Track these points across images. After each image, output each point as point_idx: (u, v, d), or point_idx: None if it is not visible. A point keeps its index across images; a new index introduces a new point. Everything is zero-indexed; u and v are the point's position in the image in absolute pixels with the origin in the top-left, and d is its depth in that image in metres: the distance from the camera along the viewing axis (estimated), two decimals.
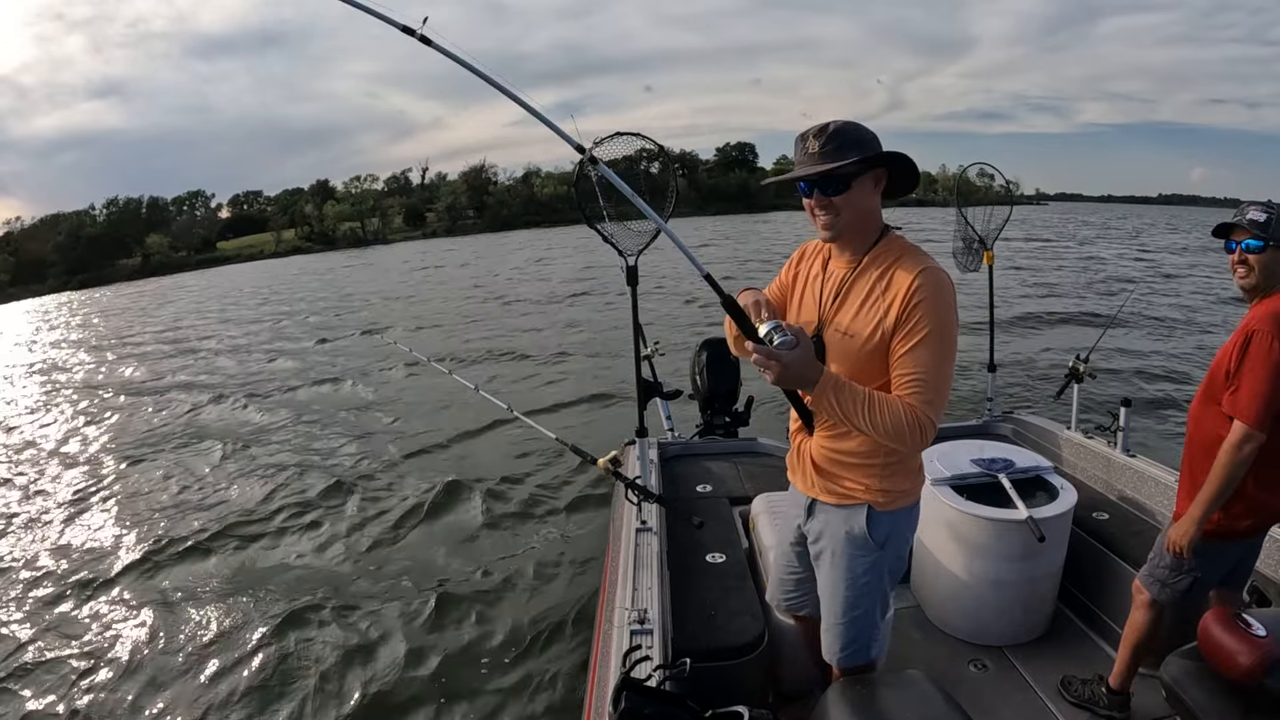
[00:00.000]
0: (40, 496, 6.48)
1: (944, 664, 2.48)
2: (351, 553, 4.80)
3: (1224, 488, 1.80)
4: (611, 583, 2.22)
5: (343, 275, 32.28)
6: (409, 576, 4.42)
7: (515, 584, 4.26)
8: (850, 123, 1.46)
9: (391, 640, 3.75)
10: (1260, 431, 1.73)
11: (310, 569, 4.62)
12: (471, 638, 3.75)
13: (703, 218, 57.84)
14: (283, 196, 75.90)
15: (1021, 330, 11.52)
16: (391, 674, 3.47)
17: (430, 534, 5.02)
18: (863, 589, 1.64)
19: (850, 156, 1.42)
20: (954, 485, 2.60)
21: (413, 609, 4.05)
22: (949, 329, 1.44)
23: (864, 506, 1.60)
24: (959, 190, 3.78)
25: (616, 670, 1.63)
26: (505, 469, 6.08)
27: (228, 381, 11.04)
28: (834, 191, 1.47)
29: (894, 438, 1.41)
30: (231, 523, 5.39)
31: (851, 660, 1.70)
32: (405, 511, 5.40)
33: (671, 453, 3.58)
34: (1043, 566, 2.50)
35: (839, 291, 1.56)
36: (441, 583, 4.32)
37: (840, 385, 1.41)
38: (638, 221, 2.49)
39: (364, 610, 4.06)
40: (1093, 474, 3.11)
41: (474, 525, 5.11)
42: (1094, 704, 2.21)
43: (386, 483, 6.06)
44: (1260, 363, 1.73)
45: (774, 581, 1.99)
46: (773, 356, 1.35)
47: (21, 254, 56.67)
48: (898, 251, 1.51)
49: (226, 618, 4.09)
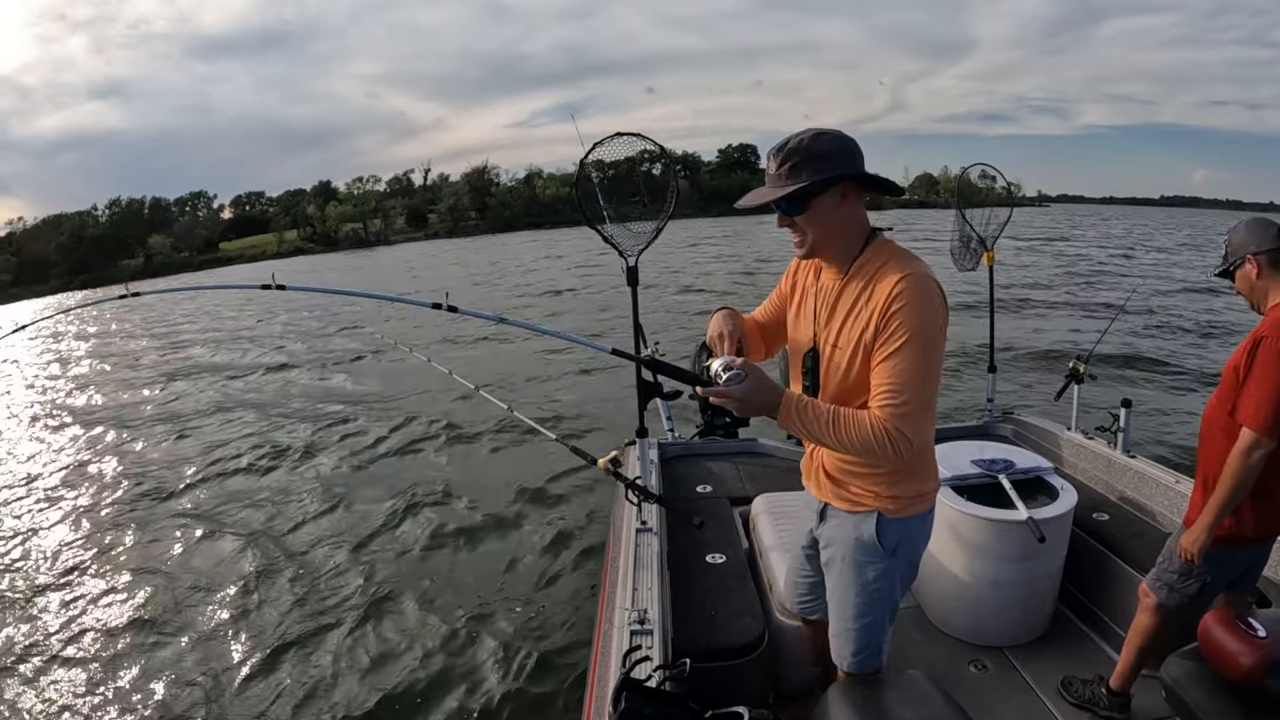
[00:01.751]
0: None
1: (944, 664, 2.47)
2: (351, 552, 4.80)
3: (1234, 494, 1.78)
4: (612, 583, 2.22)
5: (351, 273, 32.24)
6: (409, 576, 4.43)
7: (515, 584, 4.26)
8: (812, 135, 1.42)
9: (390, 640, 3.76)
10: (1269, 438, 1.72)
11: (304, 568, 4.62)
12: (471, 637, 3.74)
13: (704, 219, 57.92)
14: (285, 197, 76.02)
15: (1022, 329, 11.52)
16: (390, 673, 3.48)
17: (429, 534, 5.02)
18: (873, 595, 1.63)
19: (804, 177, 1.40)
20: (954, 486, 2.60)
21: (412, 609, 4.05)
22: (929, 337, 1.39)
23: (874, 514, 1.58)
24: (959, 191, 3.78)
25: (617, 670, 1.63)
26: (505, 469, 6.08)
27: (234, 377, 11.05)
28: (795, 212, 1.45)
29: (865, 453, 1.40)
30: (226, 509, 5.39)
31: (861, 666, 1.68)
32: (405, 511, 5.40)
33: (672, 453, 3.58)
34: (1043, 567, 2.50)
35: (829, 304, 1.55)
36: (441, 583, 4.32)
37: (803, 406, 1.41)
38: (637, 223, 2.50)
39: (364, 610, 4.06)
40: (1093, 475, 3.11)
41: (473, 526, 5.11)
42: (1094, 704, 2.21)
43: (386, 482, 6.06)
44: (1268, 369, 1.73)
45: (787, 584, 1.99)
46: (723, 394, 1.39)
47: (24, 254, 56.73)
48: (884, 258, 1.47)
49: (220, 614, 4.10)
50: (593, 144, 2.49)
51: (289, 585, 4.42)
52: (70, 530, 5.63)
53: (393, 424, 7.83)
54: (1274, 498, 1.84)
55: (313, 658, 3.65)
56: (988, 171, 3.73)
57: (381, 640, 3.77)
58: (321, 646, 3.74)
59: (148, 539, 5.31)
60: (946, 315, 1.44)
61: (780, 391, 1.41)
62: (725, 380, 1.39)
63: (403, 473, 6.28)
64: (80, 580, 4.72)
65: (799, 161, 1.40)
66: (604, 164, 2.53)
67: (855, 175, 1.44)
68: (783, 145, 1.43)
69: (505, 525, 5.12)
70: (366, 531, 5.12)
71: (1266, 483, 1.81)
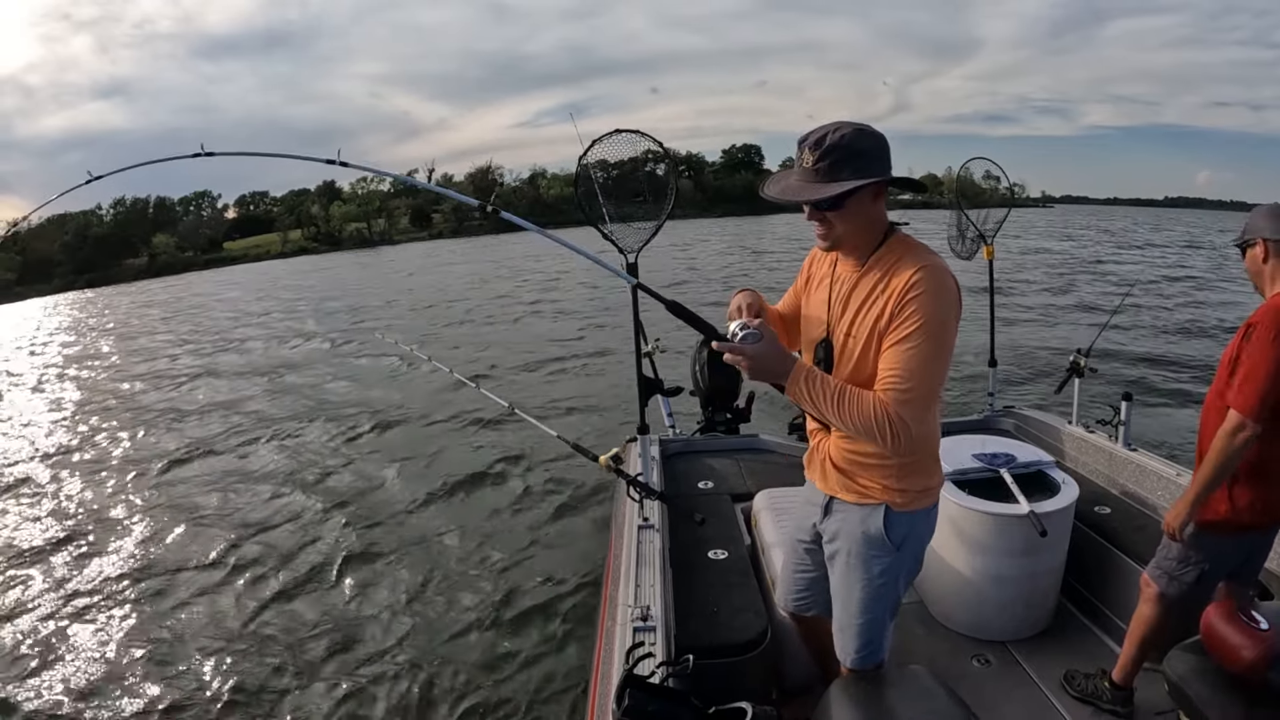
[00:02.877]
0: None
1: (947, 659, 2.48)
2: (347, 548, 4.82)
3: (1216, 473, 1.82)
4: (614, 580, 2.22)
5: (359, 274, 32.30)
6: (409, 576, 4.43)
7: (517, 583, 4.27)
8: (851, 130, 1.40)
9: (391, 640, 3.76)
10: (1255, 421, 1.74)
11: (298, 566, 4.64)
12: (473, 636, 3.75)
13: (708, 219, 57.88)
14: (289, 197, 75.94)
15: (1023, 325, 11.52)
16: (391, 671, 3.48)
17: (431, 532, 5.03)
18: (878, 590, 1.63)
19: (844, 176, 1.38)
20: (956, 480, 2.60)
21: (413, 608, 4.06)
22: (941, 326, 1.39)
23: (881, 506, 1.58)
24: (959, 188, 3.76)
25: (620, 667, 1.63)
26: (506, 467, 6.09)
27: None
28: (828, 207, 1.44)
29: (866, 434, 1.41)
30: (229, 516, 5.41)
31: (864, 662, 1.69)
32: (405, 511, 5.41)
33: (673, 450, 3.58)
34: (1045, 561, 2.50)
35: (844, 295, 1.55)
36: (442, 581, 4.33)
37: (812, 376, 1.41)
38: (638, 221, 2.50)
39: (363, 610, 4.08)
40: (1094, 468, 3.11)
41: (475, 523, 5.12)
42: (1097, 698, 2.21)
43: (387, 481, 6.07)
44: (1258, 355, 1.76)
45: (783, 581, 1.98)
46: (738, 351, 1.38)
47: (28, 253, 56.69)
48: (902, 251, 1.48)
49: (215, 608, 4.11)
50: (591, 141, 2.49)
51: (275, 574, 4.45)
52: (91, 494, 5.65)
53: (392, 421, 7.85)
54: (1272, 485, 1.85)
55: (307, 653, 3.66)
56: (991, 171, 3.71)
57: (378, 639, 3.77)
58: (315, 646, 3.74)
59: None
60: (960, 311, 1.45)
61: (792, 360, 1.42)
62: (741, 339, 1.39)
63: (401, 471, 6.28)
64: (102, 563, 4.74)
65: (840, 159, 1.38)
66: (604, 162, 2.52)
67: (897, 180, 1.46)
68: (820, 139, 1.40)
69: (506, 522, 5.12)
70: (361, 528, 5.13)
71: (1264, 469, 1.83)
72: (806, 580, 1.88)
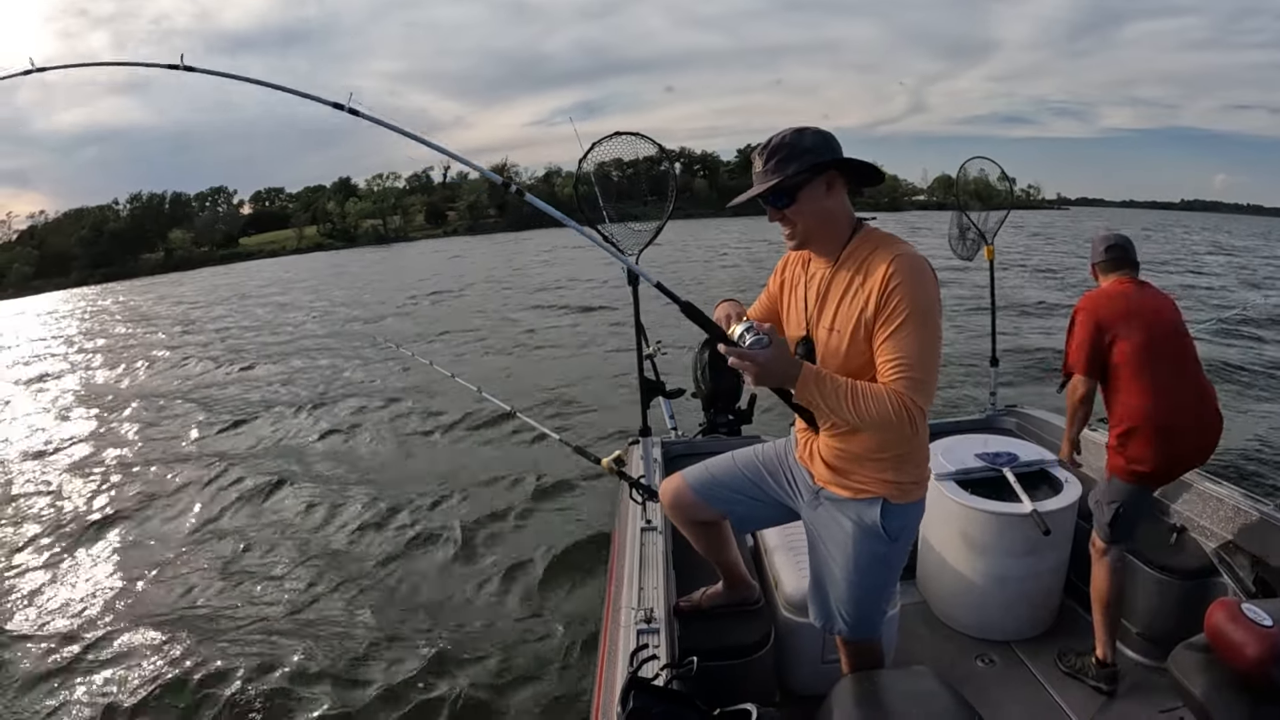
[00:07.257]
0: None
1: (950, 659, 2.48)
2: (349, 549, 4.82)
3: (1069, 418, 2.44)
4: (617, 582, 2.22)
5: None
6: (409, 576, 4.44)
7: (520, 585, 4.27)
8: (795, 132, 1.49)
9: (391, 639, 3.76)
10: (1082, 375, 2.30)
11: (303, 567, 4.64)
12: (476, 638, 3.75)
13: (723, 218, 57.90)
14: (304, 193, 76.42)
15: (1024, 324, 11.51)
16: (392, 672, 3.48)
17: (432, 534, 5.03)
18: (870, 572, 1.67)
19: (789, 169, 1.46)
20: (958, 480, 2.60)
21: (414, 609, 4.06)
22: (929, 311, 1.44)
23: (878, 500, 1.59)
24: (974, 189, 3.74)
25: (624, 670, 1.63)
26: (508, 470, 6.08)
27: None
28: (783, 204, 1.50)
29: (883, 426, 1.42)
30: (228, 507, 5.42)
31: (857, 634, 1.75)
32: (406, 510, 5.41)
33: (675, 452, 3.57)
34: (1048, 560, 2.50)
35: (821, 292, 1.58)
36: (444, 584, 4.33)
37: (822, 378, 1.42)
38: (638, 222, 2.50)
39: (363, 610, 4.08)
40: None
41: (477, 526, 5.12)
42: (1084, 674, 2.30)
43: (388, 483, 6.07)
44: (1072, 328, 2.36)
45: (713, 473, 1.98)
46: (746, 356, 1.37)
47: (45, 248, 56.96)
48: (873, 243, 1.52)
49: (209, 608, 4.12)
50: (591, 144, 2.49)
51: (281, 586, 4.43)
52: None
53: (392, 426, 7.85)
54: (1169, 439, 2.17)
55: (311, 653, 3.66)
56: (1005, 175, 3.69)
57: (382, 640, 3.77)
58: (314, 643, 3.74)
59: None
60: (939, 291, 1.49)
61: (800, 363, 1.42)
62: (749, 344, 1.38)
63: (402, 474, 6.28)
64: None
65: (784, 156, 1.47)
66: (604, 163, 2.53)
67: (836, 160, 1.49)
68: (768, 144, 1.51)
69: (508, 525, 5.12)
70: (364, 532, 5.13)
71: (1160, 424, 2.16)
72: (745, 486, 1.90)
